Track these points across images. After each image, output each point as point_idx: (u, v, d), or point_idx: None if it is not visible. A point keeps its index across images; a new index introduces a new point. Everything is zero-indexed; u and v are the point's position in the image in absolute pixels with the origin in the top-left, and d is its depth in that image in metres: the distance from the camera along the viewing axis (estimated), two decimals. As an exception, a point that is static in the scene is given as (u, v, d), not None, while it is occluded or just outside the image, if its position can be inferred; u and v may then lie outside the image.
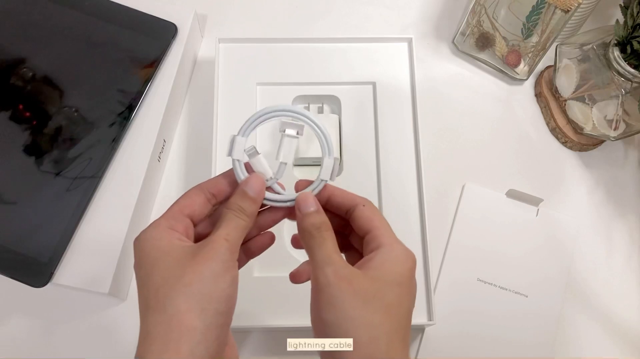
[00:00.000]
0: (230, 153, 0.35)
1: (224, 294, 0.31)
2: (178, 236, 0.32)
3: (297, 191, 0.36)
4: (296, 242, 0.37)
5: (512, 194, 0.56)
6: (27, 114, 0.52)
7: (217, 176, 0.36)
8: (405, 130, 0.55)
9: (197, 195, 0.34)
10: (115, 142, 0.51)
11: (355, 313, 0.30)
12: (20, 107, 0.52)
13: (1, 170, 0.50)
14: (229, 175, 0.35)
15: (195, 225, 0.34)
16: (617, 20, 0.53)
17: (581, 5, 0.53)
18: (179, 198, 0.34)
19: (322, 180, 0.35)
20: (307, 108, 0.58)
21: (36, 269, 0.47)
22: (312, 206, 0.34)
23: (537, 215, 0.56)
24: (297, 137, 0.36)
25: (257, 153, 0.35)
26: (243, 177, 0.35)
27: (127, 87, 0.53)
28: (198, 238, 0.34)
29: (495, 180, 0.58)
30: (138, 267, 0.32)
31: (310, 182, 0.36)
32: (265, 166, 0.35)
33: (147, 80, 0.53)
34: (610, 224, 0.58)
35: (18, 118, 0.52)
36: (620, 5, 0.54)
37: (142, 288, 0.31)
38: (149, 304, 0.30)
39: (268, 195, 0.35)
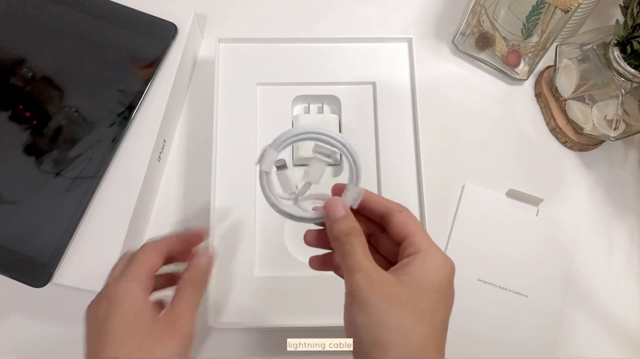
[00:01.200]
0: (259, 163, 0.34)
1: None
2: (150, 304, 0.36)
3: (333, 194, 0.36)
4: (310, 239, 0.38)
5: (512, 194, 0.56)
6: (27, 114, 0.52)
7: (172, 236, 0.39)
8: (405, 130, 0.55)
9: (159, 255, 0.38)
10: (115, 142, 0.51)
11: (387, 316, 0.30)
12: (20, 107, 0.52)
13: (1, 170, 0.50)
14: (184, 239, 0.39)
15: None
16: (617, 20, 0.53)
17: (581, 5, 0.53)
18: (142, 254, 0.37)
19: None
20: (307, 108, 0.58)
21: (36, 269, 0.47)
22: (340, 212, 0.34)
23: (537, 215, 0.56)
24: (328, 161, 0.35)
25: (286, 167, 0.35)
26: (268, 189, 0.35)
27: (127, 87, 0.53)
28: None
29: (496, 180, 0.58)
30: (106, 317, 0.35)
31: (344, 186, 0.35)
32: (290, 181, 0.35)
33: (147, 80, 0.53)
34: (610, 224, 0.58)
35: (18, 118, 0.52)
36: (620, 5, 0.54)
37: (105, 334, 0.34)
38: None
39: (296, 211, 0.35)
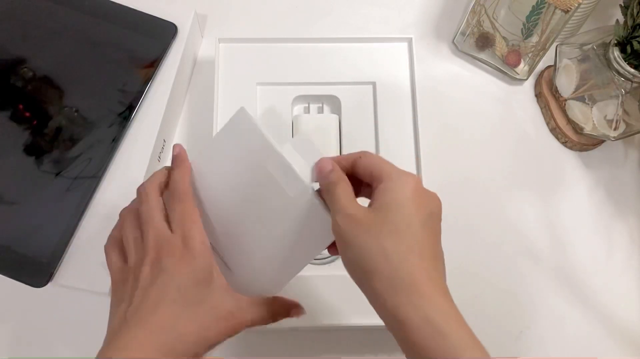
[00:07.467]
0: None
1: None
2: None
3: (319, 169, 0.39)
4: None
5: None
6: (27, 114, 0.52)
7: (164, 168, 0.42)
8: (405, 130, 0.55)
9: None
10: (115, 142, 0.51)
11: (366, 245, 0.33)
12: (20, 107, 0.52)
13: (1, 170, 0.50)
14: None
15: None
16: (617, 20, 0.53)
17: (581, 5, 0.53)
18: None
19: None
20: (307, 108, 0.58)
21: (36, 269, 0.47)
22: (328, 166, 0.37)
23: None
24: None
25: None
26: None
27: (127, 87, 0.53)
28: None
29: (495, 179, 0.58)
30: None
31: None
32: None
33: (147, 80, 0.53)
34: (610, 224, 0.58)
35: (18, 118, 0.52)
36: (620, 5, 0.54)
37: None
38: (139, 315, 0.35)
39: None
